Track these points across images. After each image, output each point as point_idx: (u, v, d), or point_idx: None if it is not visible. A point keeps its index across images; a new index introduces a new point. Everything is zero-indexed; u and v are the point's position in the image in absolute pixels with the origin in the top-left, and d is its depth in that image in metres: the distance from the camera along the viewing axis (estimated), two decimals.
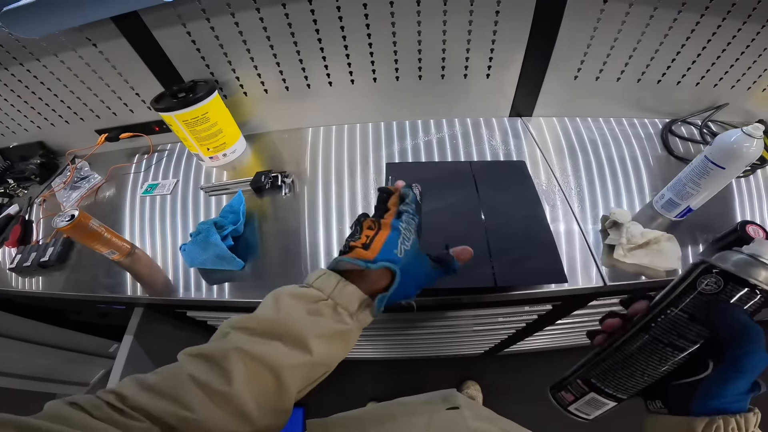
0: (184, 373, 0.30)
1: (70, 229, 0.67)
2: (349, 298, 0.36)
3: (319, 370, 0.37)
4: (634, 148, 0.85)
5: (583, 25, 0.73)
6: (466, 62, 0.81)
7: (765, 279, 0.27)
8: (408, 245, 0.40)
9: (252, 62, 0.81)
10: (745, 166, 0.58)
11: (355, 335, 0.38)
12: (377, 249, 0.38)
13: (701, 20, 0.71)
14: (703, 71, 0.81)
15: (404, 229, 0.40)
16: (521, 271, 0.57)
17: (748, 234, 0.60)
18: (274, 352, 0.33)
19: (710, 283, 0.29)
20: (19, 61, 0.80)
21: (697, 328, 0.28)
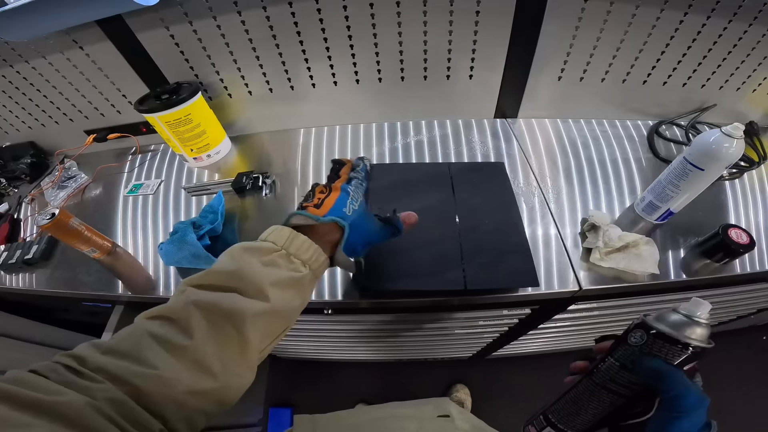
0: (143, 332, 0.30)
1: (51, 227, 0.67)
2: (301, 247, 0.38)
3: (279, 323, 0.37)
4: (618, 150, 0.84)
5: (565, 24, 0.73)
6: (448, 63, 0.80)
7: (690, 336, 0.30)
8: (356, 205, 0.43)
9: (235, 64, 0.82)
10: (724, 167, 0.56)
11: (310, 284, 0.40)
12: (327, 207, 0.41)
13: (685, 18, 0.70)
14: (690, 71, 0.80)
15: (353, 191, 0.44)
16: (492, 275, 0.56)
17: (730, 238, 0.59)
18: (233, 302, 0.33)
19: (636, 337, 0.32)
20: (9, 63, 0.81)
21: (627, 375, 0.32)
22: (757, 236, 0.65)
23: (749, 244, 0.58)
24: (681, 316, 0.31)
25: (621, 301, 0.72)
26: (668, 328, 0.30)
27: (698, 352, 0.30)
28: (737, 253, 0.59)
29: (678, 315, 0.31)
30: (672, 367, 0.30)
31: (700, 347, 0.30)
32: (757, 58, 0.76)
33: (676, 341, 0.30)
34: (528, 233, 0.65)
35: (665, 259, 0.63)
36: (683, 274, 0.62)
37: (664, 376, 0.29)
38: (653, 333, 0.31)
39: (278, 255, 0.37)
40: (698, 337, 0.30)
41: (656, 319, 0.32)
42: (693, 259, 0.64)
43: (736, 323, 1.16)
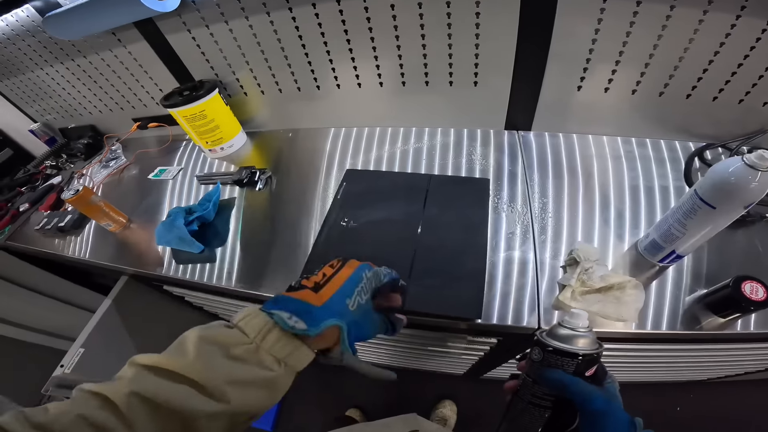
0: (77, 413, 0.26)
1: (75, 200, 0.78)
2: (276, 344, 0.31)
3: (242, 418, 0.31)
4: (642, 175, 0.72)
5: (583, 18, 0.63)
6: (450, 68, 0.77)
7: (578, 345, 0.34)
8: (364, 299, 0.36)
9: (248, 65, 0.87)
10: (742, 207, 0.45)
11: (284, 382, 0.33)
12: (328, 295, 0.34)
13: (740, 17, 0.56)
14: (749, 84, 0.65)
15: (367, 279, 0.37)
16: (433, 299, 0.53)
17: (743, 292, 0.48)
18: (184, 400, 0.28)
19: (536, 353, 0.36)
20: (71, 57, 0.97)
21: (540, 389, 0.35)
22: None
23: (764, 301, 0.47)
24: (566, 329, 0.35)
25: None
26: (558, 342, 0.34)
27: (590, 358, 0.33)
28: (747, 310, 0.49)
29: (564, 329, 0.35)
30: (569, 376, 0.33)
31: (589, 354, 0.33)
32: None
33: (567, 353, 0.33)
34: (503, 258, 0.59)
35: (661, 307, 0.54)
36: (679, 324, 0.52)
37: (565, 385, 0.33)
38: (548, 349, 0.34)
39: (245, 349, 0.31)
40: (584, 345, 0.34)
41: (548, 335, 0.36)
42: (695, 311, 0.53)
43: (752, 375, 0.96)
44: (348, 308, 0.34)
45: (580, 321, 0.35)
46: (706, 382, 1.14)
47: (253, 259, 0.71)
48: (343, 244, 0.61)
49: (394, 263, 0.56)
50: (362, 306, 0.35)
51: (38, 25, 0.90)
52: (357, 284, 0.36)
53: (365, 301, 0.36)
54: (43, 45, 0.96)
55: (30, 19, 0.89)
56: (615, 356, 0.70)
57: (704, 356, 0.71)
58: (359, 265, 0.38)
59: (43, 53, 0.99)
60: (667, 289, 0.55)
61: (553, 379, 0.33)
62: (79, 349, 0.76)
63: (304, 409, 1.37)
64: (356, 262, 0.38)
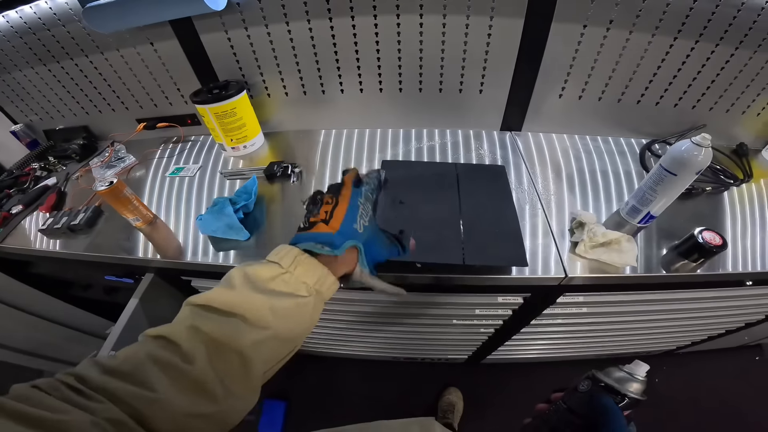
0: (145, 354, 0.30)
1: (108, 192, 0.77)
2: (307, 271, 0.37)
3: (284, 347, 0.37)
4: (609, 164, 0.92)
5: (566, 46, 0.83)
6: (461, 78, 0.92)
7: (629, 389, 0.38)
8: (366, 220, 0.41)
9: (278, 68, 0.94)
10: (695, 173, 0.64)
11: (316, 308, 0.38)
12: (337, 225, 0.39)
13: (675, 43, 0.80)
14: (681, 92, 0.90)
15: (362, 204, 0.42)
16: (488, 253, 0.64)
17: (705, 239, 0.65)
18: (233, 329, 0.33)
19: (584, 385, 0.40)
20: (85, 53, 0.95)
21: (571, 416, 0.39)
22: (733, 244, 0.73)
23: (722, 245, 0.65)
24: (624, 373, 0.40)
25: (607, 296, 0.79)
26: (612, 381, 0.39)
27: (633, 402, 0.38)
28: (711, 252, 0.65)
29: (621, 372, 0.40)
30: (617, 406, 0.37)
31: (635, 398, 0.38)
32: (745, 80, 0.85)
33: (617, 391, 0.38)
34: (522, 226, 0.73)
35: (648, 258, 0.71)
36: (663, 270, 0.69)
37: (608, 411, 0.35)
38: (600, 384, 0.39)
39: (282, 278, 0.36)
40: (635, 390, 0.38)
41: (604, 374, 0.40)
42: (672, 259, 0.71)
43: (728, 340, 1.21)
44: (357, 231, 0.40)
45: (640, 369, 0.39)
46: (675, 352, 1.37)
47: None
48: (398, 219, 0.71)
49: (446, 229, 0.68)
50: (367, 227, 0.41)
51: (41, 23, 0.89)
52: (356, 210, 0.41)
53: (368, 221, 0.41)
54: (43, 43, 0.94)
55: (36, 16, 0.88)
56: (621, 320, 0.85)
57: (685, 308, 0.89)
58: (351, 196, 0.42)
59: (39, 52, 0.96)
60: (651, 243, 0.73)
61: (604, 404, 0.36)
62: (110, 351, 0.75)
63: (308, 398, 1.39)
64: (347, 194, 0.43)
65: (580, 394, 0.39)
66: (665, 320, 0.97)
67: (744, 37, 0.77)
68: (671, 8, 0.75)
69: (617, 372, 0.40)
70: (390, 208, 0.73)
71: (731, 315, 0.97)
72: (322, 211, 0.41)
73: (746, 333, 1.15)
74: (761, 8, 0.73)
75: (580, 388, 0.40)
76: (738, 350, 1.43)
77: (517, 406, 1.33)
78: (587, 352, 1.23)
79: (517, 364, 1.36)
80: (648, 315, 0.92)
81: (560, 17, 0.79)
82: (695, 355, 1.40)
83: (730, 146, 0.98)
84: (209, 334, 0.32)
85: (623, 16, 0.77)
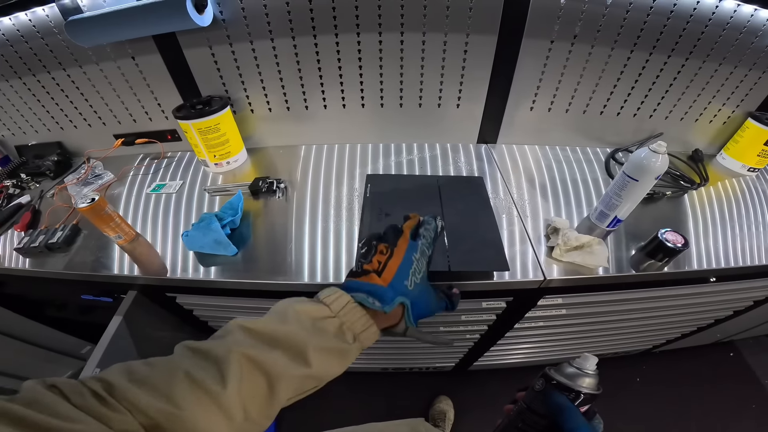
0: (180, 369, 0.31)
1: (89, 209, 0.76)
2: (356, 322, 0.38)
3: (312, 383, 0.38)
4: (578, 172, 0.99)
5: (535, 63, 0.90)
6: (440, 93, 0.97)
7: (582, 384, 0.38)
8: (418, 278, 0.41)
9: (261, 84, 0.96)
10: (654, 178, 0.70)
11: (354, 356, 0.39)
12: (390, 275, 0.40)
13: (631, 55, 0.87)
14: (638, 103, 0.98)
15: (417, 260, 0.42)
16: (471, 260, 0.68)
17: (668, 240, 0.71)
18: (274, 360, 0.33)
19: (539, 384, 0.40)
20: (63, 66, 0.93)
21: (531, 416, 0.39)
22: (696, 243, 0.80)
23: (684, 245, 0.70)
24: (574, 368, 0.39)
25: (583, 297, 0.84)
26: (563, 378, 0.38)
27: (588, 397, 0.37)
28: (674, 252, 0.70)
29: (572, 368, 0.39)
30: (571, 404, 0.36)
31: (589, 393, 0.37)
32: (696, 89, 0.95)
33: (570, 389, 0.37)
34: (501, 233, 0.77)
35: (618, 259, 0.76)
36: (632, 270, 0.75)
37: (563, 410, 0.35)
38: (553, 383, 0.38)
39: (330, 322, 0.37)
40: (587, 385, 0.38)
41: (555, 371, 0.40)
42: (640, 259, 0.77)
43: (700, 337, 1.28)
44: (407, 288, 0.40)
45: (589, 363, 0.39)
46: (653, 351, 1.44)
47: (283, 258, 0.77)
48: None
49: None
50: (418, 285, 0.41)
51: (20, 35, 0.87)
52: (410, 266, 0.41)
53: (420, 279, 0.42)
54: (19, 56, 0.91)
55: (15, 28, 0.87)
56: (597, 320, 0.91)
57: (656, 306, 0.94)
58: (406, 249, 0.42)
59: (15, 65, 0.94)
60: (620, 245, 0.79)
61: (557, 402, 0.36)
62: (95, 369, 0.73)
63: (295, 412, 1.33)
64: (403, 246, 0.43)
65: (536, 393, 0.39)
66: (639, 319, 1.03)
67: (693, 48, 0.87)
68: (627, 22, 0.83)
69: (568, 368, 0.39)
70: (376, 221, 0.75)
71: (700, 312, 1.04)
72: (375, 260, 0.42)
73: (717, 330, 1.23)
74: (708, 19, 0.82)
75: (536, 387, 0.40)
76: (712, 347, 1.52)
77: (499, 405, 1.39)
78: (570, 354, 1.27)
79: (504, 369, 1.40)
80: (623, 314, 0.98)
81: (530, 33, 0.85)
82: (672, 353, 1.47)
83: (687, 152, 1.08)
84: (251, 359, 0.33)
85: (586, 31, 0.84)
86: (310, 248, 0.79)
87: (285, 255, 0.78)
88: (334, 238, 0.81)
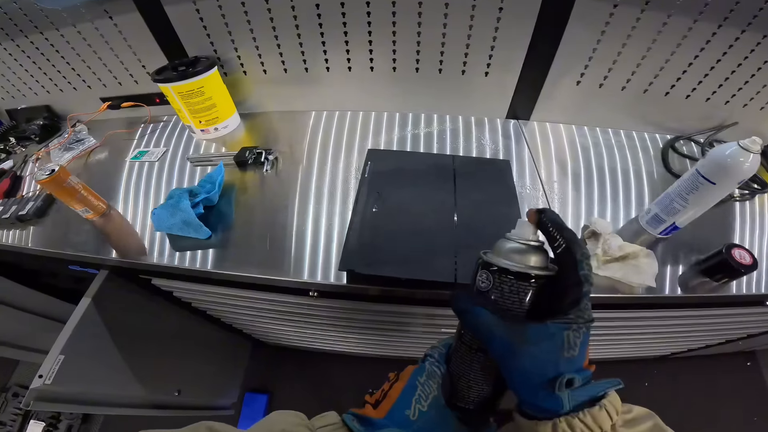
0: None
1: (49, 182, 0.67)
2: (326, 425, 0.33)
3: None
4: (630, 161, 0.81)
5: (590, 29, 0.71)
6: (465, 58, 0.80)
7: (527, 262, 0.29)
8: (425, 405, 0.34)
9: (254, 43, 0.83)
10: (737, 182, 0.54)
11: None
12: (387, 407, 0.34)
13: (718, 31, 0.67)
14: (715, 86, 0.77)
15: (421, 384, 0.35)
16: None
17: (734, 257, 0.56)
18: None
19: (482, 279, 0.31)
20: (40, 29, 0.85)
21: None
22: (760, 259, 0.62)
23: (752, 265, 0.55)
24: (515, 242, 0.30)
25: (609, 313, 0.70)
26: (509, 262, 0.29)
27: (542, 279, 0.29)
28: (738, 273, 0.56)
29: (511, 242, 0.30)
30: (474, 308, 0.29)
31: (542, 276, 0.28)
32: None
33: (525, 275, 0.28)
34: None
35: (663, 274, 0.61)
36: (679, 289, 0.59)
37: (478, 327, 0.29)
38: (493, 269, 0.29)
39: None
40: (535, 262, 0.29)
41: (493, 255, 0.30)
42: (692, 276, 0.61)
43: (723, 347, 1.13)
44: (409, 418, 0.33)
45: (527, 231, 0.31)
46: (669, 357, 1.31)
47: (264, 245, 0.67)
48: (378, 227, 0.61)
49: (437, 239, 0.58)
50: (425, 413, 0.33)
51: None
52: (413, 391, 0.34)
53: (427, 407, 0.34)
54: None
55: None
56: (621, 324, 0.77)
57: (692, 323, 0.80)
58: (411, 374, 0.36)
59: None
60: (668, 257, 0.63)
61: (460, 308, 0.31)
62: (58, 356, 0.65)
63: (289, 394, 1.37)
64: (409, 370, 0.37)
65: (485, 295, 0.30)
66: (665, 333, 0.89)
67: None
68: None
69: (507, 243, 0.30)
70: (370, 208, 0.63)
71: (735, 328, 0.89)
72: (380, 390, 0.37)
73: (745, 341, 1.07)
74: None
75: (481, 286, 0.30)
76: (731, 355, 1.38)
77: None
78: None
79: None
80: (648, 328, 0.84)
81: None
82: (688, 359, 1.35)
83: None
84: None
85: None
86: (298, 234, 0.68)
87: (266, 241, 0.67)
88: (326, 225, 0.69)
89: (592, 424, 0.25)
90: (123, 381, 0.82)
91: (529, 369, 0.27)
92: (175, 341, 1.02)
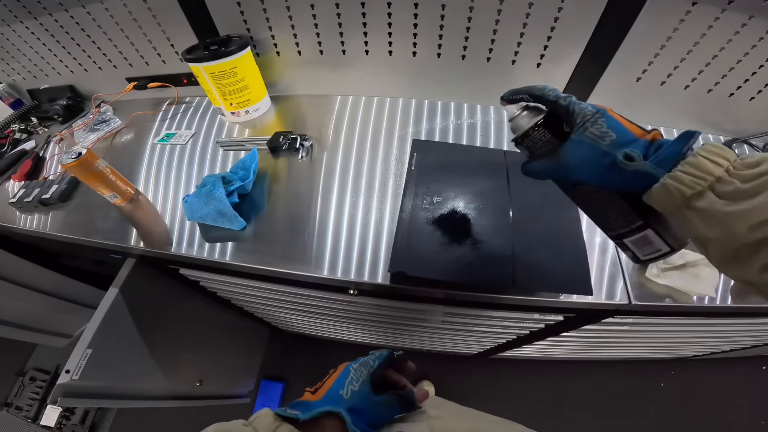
0: None
1: (76, 166, 0.64)
2: (264, 426, 0.33)
3: None
4: None
5: (662, 25, 0.66)
6: (517, 47, 0.74)
7: None
8: (356, 385, 0.39)
9: (290, 22, 0.77)
10: None
11: None
12: (324, 391, 0.38)
13: None
14: None
15: (355, 369, 0.40)
16: (543, 276, 0.51)
17: None
18: None
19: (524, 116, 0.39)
20: (65, 7, 0.81)
21: None
22: None
23: None
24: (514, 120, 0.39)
25: (659, 319, 0.65)
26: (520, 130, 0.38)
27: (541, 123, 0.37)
28: None
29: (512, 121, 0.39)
30: None
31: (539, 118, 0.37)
32: None
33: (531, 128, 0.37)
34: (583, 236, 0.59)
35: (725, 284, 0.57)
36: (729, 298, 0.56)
37: None
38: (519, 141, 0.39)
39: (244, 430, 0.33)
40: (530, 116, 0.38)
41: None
42: None
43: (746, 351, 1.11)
44: (342, 397, 0.37)
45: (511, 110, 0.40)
46: (690, 359, 1.29)
47: (299, 239, 0.63)
48: (429, 226, 0.57)
49: (492, 241, 0.54)
50: (356, 392, 0.38)
51: None
52: (346, 377, 0.39)
53: (358, 387, 0.38)
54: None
55: None
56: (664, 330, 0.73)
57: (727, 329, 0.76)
58: (346, 364, 0.42)
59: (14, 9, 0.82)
60: None
61: None
62: (86, 350, 0.63)
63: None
64: (345, 364, 0.42)
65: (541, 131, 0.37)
66: (698, 337, 0.85)
67: None
68: None
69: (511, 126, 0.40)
70: (420, 207, 0.58)
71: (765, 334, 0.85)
72: (320, 382, 0.41)
73: None
74: None
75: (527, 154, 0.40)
76: (746, 358, 1.36)
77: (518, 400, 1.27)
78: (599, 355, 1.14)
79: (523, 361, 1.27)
80: (683, 333, 0.80)
81: None
82: (705, 360, 1.34)
83: None
84: None
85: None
86: (335, 229, 0.64)
87: (303, 235, 0.64)
88: (362, 219, 0.65)
89: (696, 172, 0.26)
90: (148, 373, 0.80)
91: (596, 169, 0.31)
92: (198, 330, 1.00)
